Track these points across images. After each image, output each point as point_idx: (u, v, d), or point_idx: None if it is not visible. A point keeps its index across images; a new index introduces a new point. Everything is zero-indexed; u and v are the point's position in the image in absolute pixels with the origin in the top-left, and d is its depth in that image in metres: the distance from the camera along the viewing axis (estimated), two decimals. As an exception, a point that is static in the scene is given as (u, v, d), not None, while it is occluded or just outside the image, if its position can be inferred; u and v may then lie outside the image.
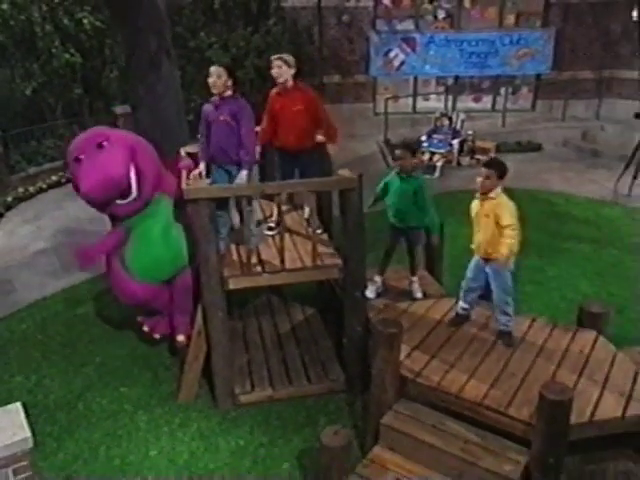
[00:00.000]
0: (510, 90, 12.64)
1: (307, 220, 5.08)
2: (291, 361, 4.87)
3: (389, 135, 11.48)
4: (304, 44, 11.26)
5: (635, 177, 8.77)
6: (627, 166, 8.97)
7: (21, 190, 9.36)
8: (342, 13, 11.76)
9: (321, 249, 4.52)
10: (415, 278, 5.05)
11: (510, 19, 12.41)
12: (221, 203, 4.34)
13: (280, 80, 4.76)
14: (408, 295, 4.97)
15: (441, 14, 12.30)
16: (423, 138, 10.67)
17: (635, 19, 11.50)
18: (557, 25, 11.90)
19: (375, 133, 11.88)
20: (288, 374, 4.70)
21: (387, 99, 11.65)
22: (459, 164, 10.53)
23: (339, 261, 4.41)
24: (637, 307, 5.68)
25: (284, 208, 5.34)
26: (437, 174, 9.98)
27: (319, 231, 4.69)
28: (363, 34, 11.97)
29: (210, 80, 4.48)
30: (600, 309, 4.34)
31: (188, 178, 4.37)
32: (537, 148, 11.40)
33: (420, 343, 4.20)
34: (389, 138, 11.38)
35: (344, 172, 4.28)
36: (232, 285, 4.25)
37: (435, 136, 10.66)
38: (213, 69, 4.53)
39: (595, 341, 4.17)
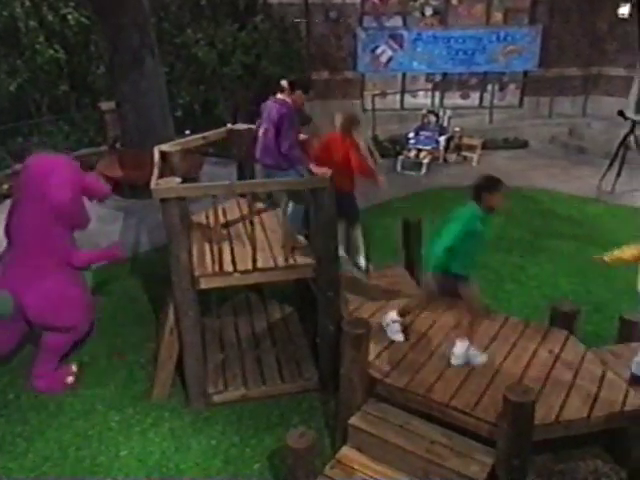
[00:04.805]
0: (497, 87, 12.60)
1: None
2: (266, 360, 4.83)
3: (377, 132, 11.40)
4: (292, 41, 11.15)
5: (619, 174, 8.74)
6: (611, 163, 8.95)
7: (6, 187, 9.26)
8: (329, 10, 11.67)
9: (295, 248, 4.49)
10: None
11: (497, 16, 12.34)
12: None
13: None
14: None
15: (428, 11, 12.21)
16: (410, 135, 10.61)
17: (621, 16, 11.46)
18: (544, 22, 11.84)
19: (363, 129, 11.84)
20: (262, 373, 4.66)
21: (374, 95, 11.59)
22: (446, 161, 10.48)
23: (312, 260, 4.36)
24: (615, 305, 5.65)
25: (261, 206, 5.39)
26: (423, 171, 9.93)
27: (301, 237, 4.64)
28: (351, 31, 11.87)
29: None
30: (572, 308, 4.32)
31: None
32: (524, 145, 11.35)
33: (391, 343, 4.17)
34: (377, 134, 11.31)
35: (316, 170, 4.22)
36: (204, 285, 4.20)
37: (422, 133, 10.60)
38: None
39: (565, 341, 4.14)
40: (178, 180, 4.01)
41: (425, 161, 10.03)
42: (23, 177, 4.49)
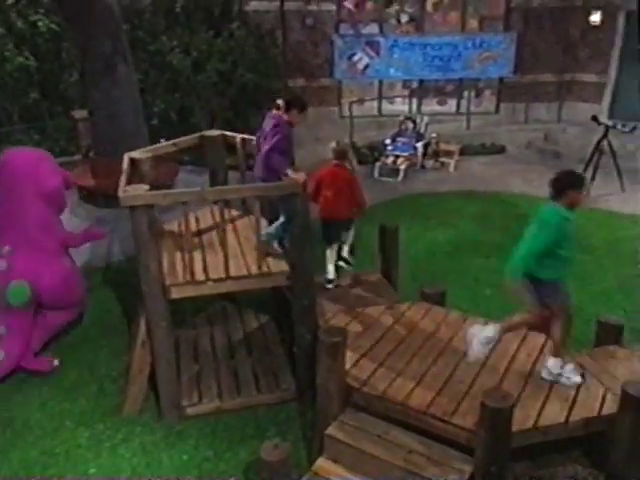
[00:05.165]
0: (473, 93, 12.70)
1: None
2: (242, 371, 4.73)
3: (355, 138, 11.39)
4: (268, 48, 11.11)
5: (593, 179, 8.83)
6: (586, 168, 9.04)
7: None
8: (306, 17, 11.66)
9: (269, 256, 4.41)
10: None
11: (473, 23, 12.45)
12: None
13: None
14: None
15: (404, 18, 12.28)
16: (387, 141, 10.63)
17: (593, 23, 11.64)
18: (518, 29, 11.97)
19: (341, 136, 11.81)
20: (238, 384, 4.56)
21: (352, 102, 11.58)
22: (423, 167, 10.50)
23: (286, 267, 4.29)
24: (593, 309, 5.66)
25: (235, 213, 5.30)
26: (400, 177, 9.94)
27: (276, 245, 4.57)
28: (327, 38, 11.87)
29: None
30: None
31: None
32: (501, 150, 11.43)
33: (368, 350, 4.11)
34: (355, 141, 11.30)
35: (289, 176, 4.17)
36: (175, 294, 4.10)
37: (399, 139, 10.63)
38: None
39: (543, 345, 4.12)
40: (146, 187, 3.91)
41: (402, 167, 10.03)
42: (5, 171, 4.77)
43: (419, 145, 10.49)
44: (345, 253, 5.32)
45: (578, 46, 12.02)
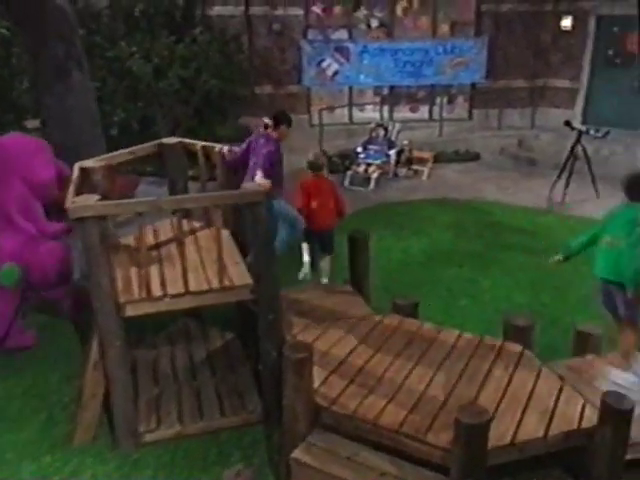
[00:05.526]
0: (446, 99, 12.84)
1: None
2: (204, 392, 4.58)
3: (325, 147, 11.37)
4: (233, 54, 11.06)
5: (567, 185, 8.98)
6: (560, 174, 9.19)
7: None
8: (272, 22, 11.66)
9: (231, 269, 4.31)
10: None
11: (444, 28, 12.62)
12: None
13: None
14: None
15: (374, 23, 12.37)
16: (359, 149, 10.64)
17: (564, 28, 11.91)
18: (489, 34, 12.18)
19: (311, 145, 11.78)
20: (200, 407, 4.41)
21: (322, 110, 11.58)
22: (396, 175, 10.53)
23: (250, 281, 4.18)
24: (570, 317, 5.69)
25: (197, 225, 5.18)
26: (372, 186, 9.93)
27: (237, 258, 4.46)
28: (295, 43, 11.88)
29: None
30: (525, 322, 4.28)
31: None
32: (475, 157, 11.57)
33: (338, 366, 4.01)
34: (325, 150, 11.27)
35: (249, 184, 4.08)
36: (130, 312, 3.95)
37: (371, 147, 10.64)
38: None
39: (520, 356, 4.09)
40: (96, 197, 3.77)
41: (374, 176, 10.03)
42: (5, 151, 4.98)
43: (392, 153, 10.52)
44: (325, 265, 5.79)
45: (550, 51, 12.28)
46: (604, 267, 3.94)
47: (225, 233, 4.90)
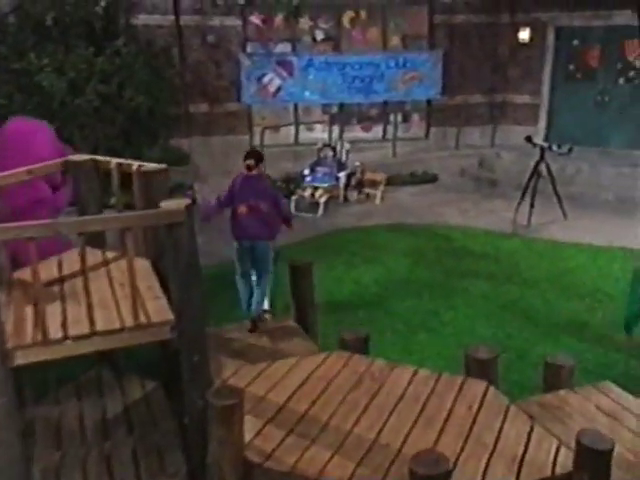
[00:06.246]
0: (400, 117, 13.00)
1: None
2: (118, 455, 4.24)
3: (269, 170, 11.24)
4: (162, 68, 10.89)
5: (532, 206, 9.11)
6: (523, 195, 9.35)
7: None
8: (207, 33, 11.62)
9: (150, 304, 4.05)
10: None
11: (395, 41, 12.87)
12: None
13: None
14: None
15: (320, 35, 12.51)
16: (306, 172, 10.59)
17: (522, 41, 12.34)
18: (444, 47, 12.50)
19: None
20: (111, 474, 4.06)
21: (264, 129, 11.52)
22: (346, 199, 10.50)
23: (170, 317, 3.93)
24: (540, 349, 5.65)
25: (110, 255, 4.90)
26: (320, 212, 9.84)
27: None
28: (232, 57, 11.86)
29: None
30: (488, 354, 4.17)
31: None
32: (433, 179, 11.68)
33: (276, 414, 3.77)
34: (268, 174, 11.15)
35: (168, 203, 3.88)
36: (20, 359, 3.62)
37: (319, 169, 10.60)
38: None
39: (485, 394, 3.95)
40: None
41: (322, 200, 9.96)
42: (6, 137, 5.58)
43: (341, 175, 10.50)
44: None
45: (508, 65, 12.69)
46: None
47: (145, 263, 4.68)
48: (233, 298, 6.76)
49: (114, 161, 4.94)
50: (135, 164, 4.81)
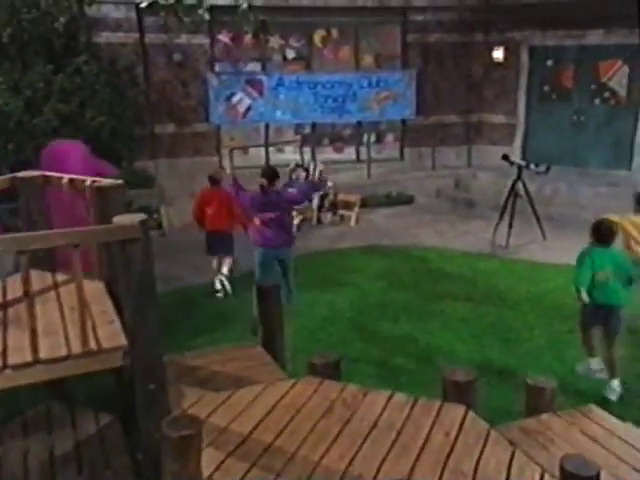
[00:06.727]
0: (374, 138, 13.02)
1: None
2: (66, 496, 3.99)
3: (239, 193, 11.16)
4: (125, 86, 10.80)
5: (510, 226, 9.12)
6: (501, 215, 9.36)
7: None
8: (173, 51, 11.55)
9: (102, 328, 3.86)
10: None
11: (368, 60, 12.95)
12: None
13: None
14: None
15: (291, 54, 12.53)
16: (277, 194, 10.45)
17: (496, 60, 12.52)
18: (417, 66, 12.61)
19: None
20: (57, 515, 3.81)
21: (232, 150, 11.41)
22: (320, 221, 10.43)
23: (123, 342, 3.74)
24: (521, 372, 5.55)
25: (61, 278, 4.70)
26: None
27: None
28: (199, 76, 11.80)
29: None
30: (466, 376, 4.04)
31: None
32: (408, 200, 11.69)
33: (239, 446, 3.58)
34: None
35: (122, 218, 3.71)
36: (-48, 391, 3.39)
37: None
38: None
39: (463, 418, 3.81)
40: None
41: (294, 222, 9.83)
42: (46, 158, 6.68)
43: (315, 196, 10.42)
44: (224, 271, 7.79)
45: (483, 84, 12.85)
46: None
47: (99, 286, 4.50)
48: (196, 325, 6.64)
49: (66, 177, 4.77)
50: (88, 180, 4.65)
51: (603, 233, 5.39)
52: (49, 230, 4.49)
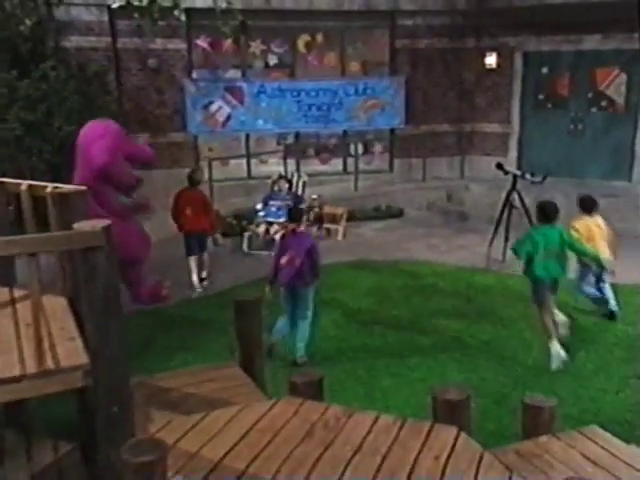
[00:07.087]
0: (361, 149, 12.99)
1: None
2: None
3: (219, 206, 11.07)
4: (96, 94, 10.72)
5: (507, 239, 9.08)
6: (496, 228, 9.33)
7: None
8: (147, 57, 11.50)
9: (62, 346, 3.74)
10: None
11: (355, 66, 12.97)
12: None
13: None
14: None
15: (273, 60, 12.51)
16: (258, 207, 10.48)
17: (488, 66, 12.59)
18: (406, 73, 12.65)
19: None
20: None
21: (211, 160, 11.35)
22: (304, 236, 10.32)
23: (84, 360, 3.61)
24: (517, 393, 5.49)
25: (19, 294, 4.58)
26: (276, 250, 9.62)
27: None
28: (176, 82, 11.75)
29: None
30: (458, 395, 3.96)
31: None
32: (398, 213, 11.67)
33: (211, 472, 3.46)
34: (217, 210, 10.97)
35: (83, 224, 3.61)
36: None
37: (272, 203, 10.47)
38: None
39: (455, 441, 3.72)
40: None
41: (277, 237, 9.74)
42: (79, 142, 6.83)
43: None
44: (204, 275, 8.59)
45: (475, 92, 12.91)
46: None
47: (60, 301, 4.38)
48: (170, 346, 6.52)
49: (25, 183, 4.67)
50: (49, 186, 4.55)
51: (548, 213, 6.36)
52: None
